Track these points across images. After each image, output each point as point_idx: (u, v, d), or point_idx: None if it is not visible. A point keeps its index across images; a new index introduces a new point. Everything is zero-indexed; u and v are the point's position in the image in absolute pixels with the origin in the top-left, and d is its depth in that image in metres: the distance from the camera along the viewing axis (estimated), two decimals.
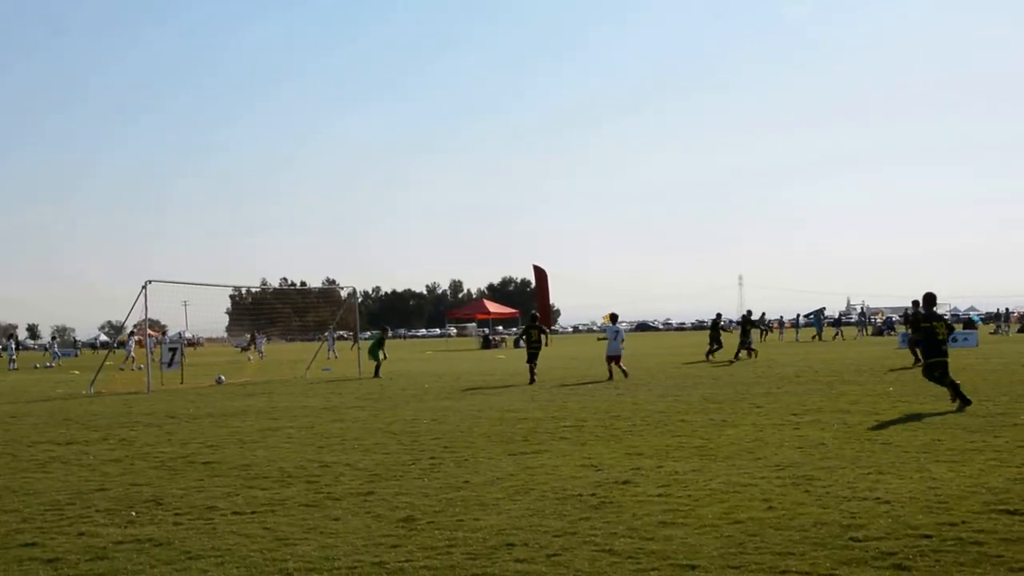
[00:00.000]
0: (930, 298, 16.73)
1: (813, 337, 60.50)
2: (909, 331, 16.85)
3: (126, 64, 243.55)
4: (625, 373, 25.76)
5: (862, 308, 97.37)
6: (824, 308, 72.26)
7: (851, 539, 6.92)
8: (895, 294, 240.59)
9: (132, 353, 43.23)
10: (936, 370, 15.93)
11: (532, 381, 25.06)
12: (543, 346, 27.52)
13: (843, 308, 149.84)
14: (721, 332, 36.89)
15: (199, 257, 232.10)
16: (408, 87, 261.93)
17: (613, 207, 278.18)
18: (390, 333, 37.77)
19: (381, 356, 31.00)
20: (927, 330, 16.23)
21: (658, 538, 7.15)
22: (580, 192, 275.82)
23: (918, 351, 20.35)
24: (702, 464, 10.68)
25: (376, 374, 30.50)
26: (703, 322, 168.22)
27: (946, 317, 27.94)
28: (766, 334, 62.00)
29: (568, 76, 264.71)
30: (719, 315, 38.68)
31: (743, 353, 35.29)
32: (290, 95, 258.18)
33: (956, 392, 15.40)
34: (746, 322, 36.69)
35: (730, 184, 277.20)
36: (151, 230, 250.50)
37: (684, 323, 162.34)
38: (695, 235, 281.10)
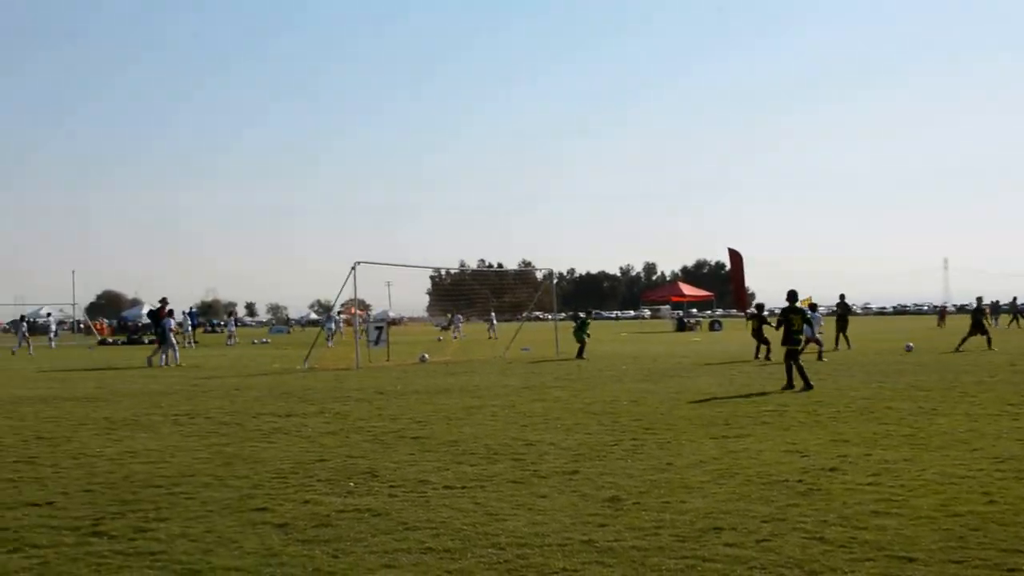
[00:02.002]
0: None
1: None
2: None
3: (374, 49, 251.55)
4: (820, 355, 27.15)
5: None
6: None
7: None
8: None
9: (341, 328, 45.26)
10: None
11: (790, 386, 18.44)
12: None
13: None
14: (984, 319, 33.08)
15: (400, 240, 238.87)
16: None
17: (801, 189, 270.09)
18: (592, 315, 38.43)
19: (585, 337, 31.99)
20: None
21: (871, 528, 7.01)
22: (768, 174, 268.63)
23: None
24: (913, 454, 10.35)
25: (580, 355, 30.93)
26: (904, 306, 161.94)
27: None
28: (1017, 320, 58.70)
29: (738, 60, 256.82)
30: (980, 299, 33.96)
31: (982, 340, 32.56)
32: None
33: None
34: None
35: (935, 167, 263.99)
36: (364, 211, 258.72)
37: (885, 307, 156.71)
38: (893, 216, 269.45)
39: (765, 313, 30.44)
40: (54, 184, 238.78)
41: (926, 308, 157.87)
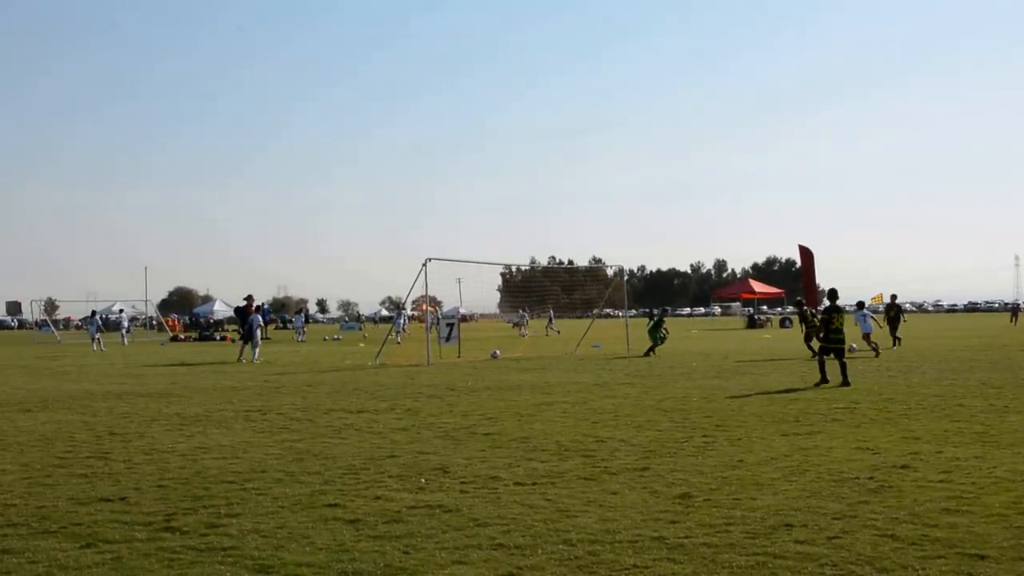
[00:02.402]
0: None
1: None
2: None
3: (401, 46, 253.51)
4: (876, 351, 27.58)
5: None
6: None
7: None
8: None
9: (406, 327, 45.57)
10: None
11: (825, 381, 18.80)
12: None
13: None
14: None
15: (465, 236, 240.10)
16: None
17: (861, 185, 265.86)
18: (668, 312, 38.27)
19: (662, 333, 31.76)
20: None
21: (942, 525, 6.98)
22: (837, 170, 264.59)
23: None
24: (984, 451, 10.23)
25: (649, 352, 30.86)
26: (975, 304, 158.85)
27: None
28: None
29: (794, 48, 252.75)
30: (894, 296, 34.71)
31: None
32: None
33: None
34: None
35: (996, 157, 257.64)
36: (421, 209, 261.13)
37: (956, 305, 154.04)
38: (959, 210, 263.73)
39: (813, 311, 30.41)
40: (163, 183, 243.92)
41: (997, 305, 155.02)
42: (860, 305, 29.92)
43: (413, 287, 30.70)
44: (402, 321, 47.00)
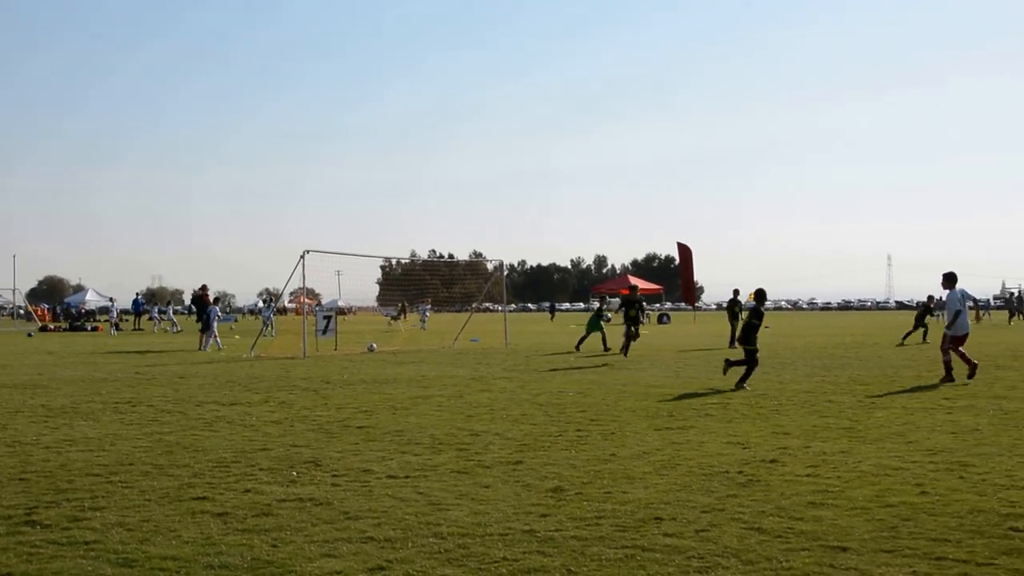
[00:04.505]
0: None
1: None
2: None
3: (267, 34, 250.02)
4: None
5: (1019, 292, 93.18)
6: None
7: (1010, 528, 6.75)
8: None
9: (272, 320, 44.35)
10: None
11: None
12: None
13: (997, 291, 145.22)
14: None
15: (348, 228, 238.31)
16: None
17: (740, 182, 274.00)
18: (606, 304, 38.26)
19: (603, 324, 31.55)
20: None
21: (807, 518, 7.13)
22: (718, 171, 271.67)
23: None
24: (850, 446, 10.52)
25: (604, 346, 30.01)
26: (849, 302, 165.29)
27: None
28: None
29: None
30: (931, 297, 34.90)
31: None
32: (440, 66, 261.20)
33: None
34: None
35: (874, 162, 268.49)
36: (294, 200, 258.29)
37: (830, 303, 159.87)
38: (836, 210, 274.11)
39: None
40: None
41: (869, 304, 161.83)
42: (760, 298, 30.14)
43: (290, 279, 30.26)
44: (269, 313, 45.76)
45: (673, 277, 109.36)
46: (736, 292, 33.40)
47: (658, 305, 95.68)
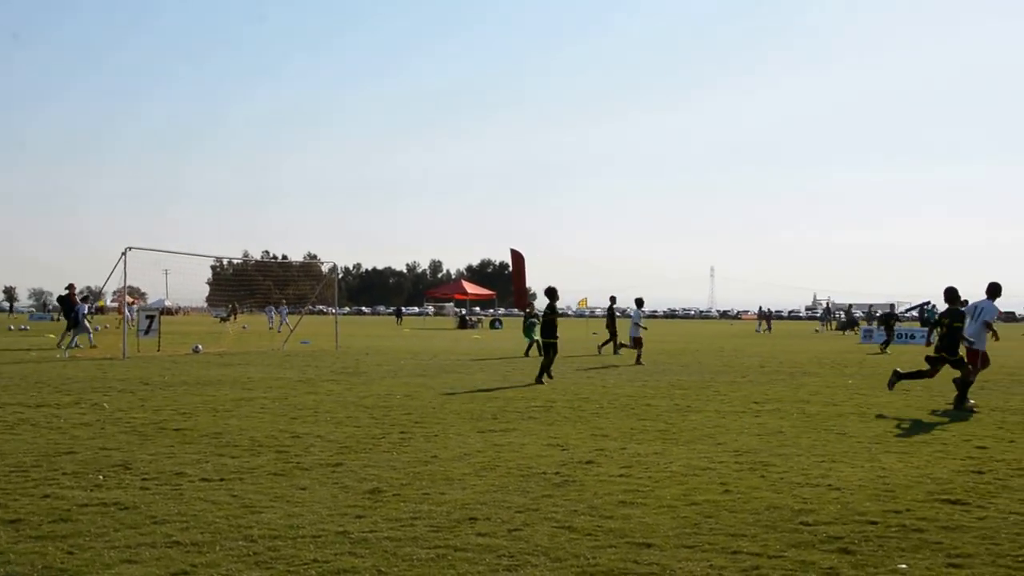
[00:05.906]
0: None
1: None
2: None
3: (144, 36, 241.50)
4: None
5: (828, 304, 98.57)
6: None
7: (801, 523, 7.12)
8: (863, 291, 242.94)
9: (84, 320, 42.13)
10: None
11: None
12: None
13: (808, 303, 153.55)
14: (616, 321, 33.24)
15: (185, 227, 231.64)
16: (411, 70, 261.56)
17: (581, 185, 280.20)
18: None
19: (534, 335, 28.71)
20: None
21: (617, 517, 7.31)
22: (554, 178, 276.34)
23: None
24: (664, 447, 10.85)
25: (527, 352, 29.54)
26: (674, 311, 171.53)
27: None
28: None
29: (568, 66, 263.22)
30: (614, 299, 34.16)
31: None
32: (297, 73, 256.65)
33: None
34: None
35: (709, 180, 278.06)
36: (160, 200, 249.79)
37: (656, 311, 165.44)
38: (670, 223, 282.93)
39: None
40: None
41: (693, 313, 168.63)
42: (639, 303, 29.16)
43: (110, 277, 29.13)
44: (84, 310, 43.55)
45: (507, 283, 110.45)
46: (613, 299, 33.64)
47: (491, 310, 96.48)
